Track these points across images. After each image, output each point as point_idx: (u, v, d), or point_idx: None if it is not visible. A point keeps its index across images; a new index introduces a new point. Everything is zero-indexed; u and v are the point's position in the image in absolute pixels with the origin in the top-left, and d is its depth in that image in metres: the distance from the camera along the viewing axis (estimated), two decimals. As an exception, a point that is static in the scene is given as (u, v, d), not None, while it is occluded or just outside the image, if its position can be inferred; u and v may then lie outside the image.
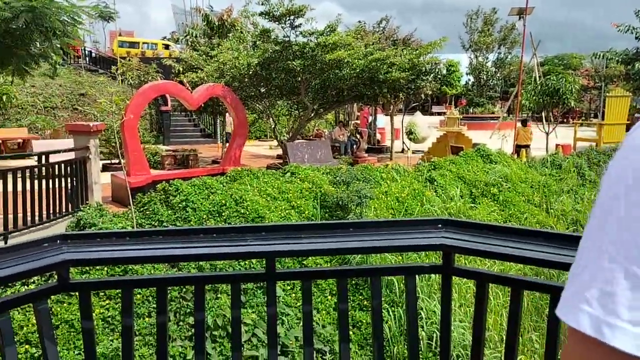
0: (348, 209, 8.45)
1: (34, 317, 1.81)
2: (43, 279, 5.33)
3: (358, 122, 21.44)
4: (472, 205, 10.93)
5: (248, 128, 12.64)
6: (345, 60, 12.08)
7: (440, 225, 2.02)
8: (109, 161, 13.27)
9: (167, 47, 31.32)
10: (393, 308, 7.11)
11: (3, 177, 6.32)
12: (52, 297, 5.35)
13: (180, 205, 7.97)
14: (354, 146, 16.34)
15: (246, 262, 6.84)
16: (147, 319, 6.05)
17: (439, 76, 16.92)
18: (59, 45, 12.30)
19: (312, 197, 9.17)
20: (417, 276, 2.10)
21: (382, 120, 20.80)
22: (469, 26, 39.86)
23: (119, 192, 9.41)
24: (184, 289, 6.38)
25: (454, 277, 1.97)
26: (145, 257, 1.91)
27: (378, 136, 20.00)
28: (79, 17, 12.22)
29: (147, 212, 8.03)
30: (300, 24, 12.12)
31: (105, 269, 6.12)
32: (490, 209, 10.80)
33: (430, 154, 15.95)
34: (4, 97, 7.55)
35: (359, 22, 16.98)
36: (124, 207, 8.90)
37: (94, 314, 5.62)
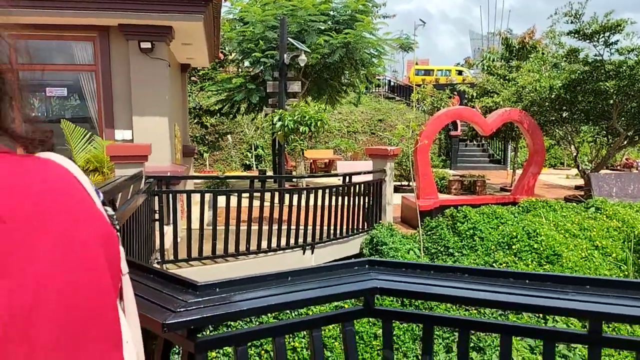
0: (672, 258, 6.94)
1: (341, 337, 1.89)
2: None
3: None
4: None
5: (545, 156, 11.68)
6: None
7: None
8: (399, 183, 13.96)
9: (460, 72, 31.64)
10: None
11: (314, 193, 7.19)
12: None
13: (467, 232, 7.78)
14: (680, 181, 13.49)
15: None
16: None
17: None
18: (364, 75, 13.65)
19: (621, 238, 7.87)
20: None
21: None
22: None
23: (408, 214, 9.76)
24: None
25: None
26: (447, 295, 1.80)
27: None
28: (383, 49, 13.38)
29: (434, 237, 8.09)
30: (617, 40, 10.65)
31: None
32: None
33: None
34: (318, 123, 8.68)
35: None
36: (412, 228, 9.18)
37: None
